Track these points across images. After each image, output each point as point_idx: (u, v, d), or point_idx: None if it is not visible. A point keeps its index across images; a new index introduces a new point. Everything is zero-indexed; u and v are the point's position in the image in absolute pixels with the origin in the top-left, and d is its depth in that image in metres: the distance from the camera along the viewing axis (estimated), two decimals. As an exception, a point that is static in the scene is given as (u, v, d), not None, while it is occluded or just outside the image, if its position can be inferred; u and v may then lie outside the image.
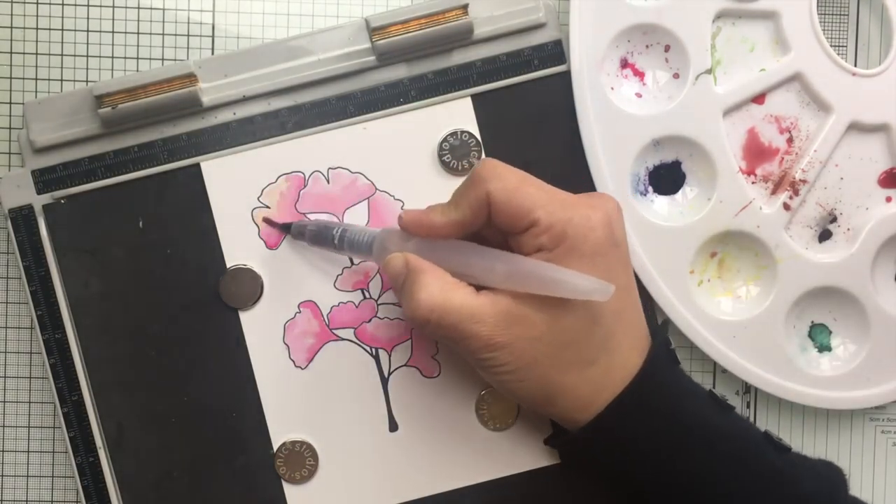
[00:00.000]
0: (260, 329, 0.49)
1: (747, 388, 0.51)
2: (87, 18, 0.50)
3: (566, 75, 0.49)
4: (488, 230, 0.44)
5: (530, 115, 0.49)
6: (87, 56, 0.50)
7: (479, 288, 0.42)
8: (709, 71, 0.49)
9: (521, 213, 0.42)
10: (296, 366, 0.49)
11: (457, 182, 0.49)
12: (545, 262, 0.41)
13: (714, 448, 0.43)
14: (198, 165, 0.49)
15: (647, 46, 0.49)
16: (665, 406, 0.43)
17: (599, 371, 0.43)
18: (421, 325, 0.42)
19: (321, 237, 0.47)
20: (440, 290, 0.42)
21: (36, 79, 0.50)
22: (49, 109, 0.49)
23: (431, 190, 0.49)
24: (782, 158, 0.50)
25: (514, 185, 0.42)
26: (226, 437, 0.49)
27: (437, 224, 0.43)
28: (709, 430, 0.43)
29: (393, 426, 0.50)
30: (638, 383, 0.43)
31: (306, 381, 0.49)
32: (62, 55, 0.50)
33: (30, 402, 0.51)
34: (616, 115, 0.49)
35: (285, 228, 0.48)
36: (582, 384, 0.43)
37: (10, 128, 0.50)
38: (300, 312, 0.49)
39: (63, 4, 0.50)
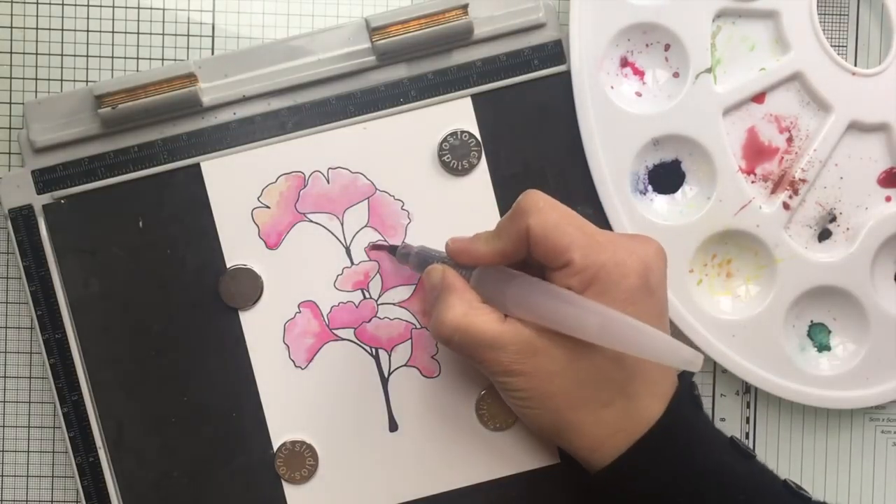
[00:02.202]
0: (260, 329, 0.49)
1: (747, 388, 0.51)
2: (87, 18, 0.50)
3: (566, 75, 0.49)
4: (532, 259, 0.43)
5: (530, 115, 0.49)
6: (87, 56, 0.50)
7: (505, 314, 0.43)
8: (709, 70, 0.49)
9: (557, 251, 0.42)
10: (296, 366, 0.49)
11: (457, 182, 0.49)
12: (626, 316, 0.40)
13: (732, 498, 0.42)
14: (198, 165, 0.49)
15: (646, 45, 0.49)
16: (683, 454, 0.43)
17: (614, 414, 0.43)
18: (443, 343, 0.43)
19: (425, 264, 0.46)
20: (464, 313, 0.42)
21: (36, 79, 0.50)
22: (49, 109, 0.49)
23: (431, 190, 0.49)
24: (782, 158, 0.50)
25: (552, 223, 0.42)
26: (226, 437, 0.49)
27: (482, 253, 0.44)
28: (728, 480, 0.43)
29: (393, 426, 0.50)
30: (656, 431, 0.42)
31: (306, 381, 0.49)
32: (62, 55, 0.50)
33: (30, 402, 0.51)
34: (616, 114, 0.49)
35: (391, 251, 0.48)
36: (595, 424, 0.43)
37: (10, 128, 0.50)
38: (300, 312, 0.49)
39: (63, 4, 0.50)
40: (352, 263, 0.49)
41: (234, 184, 0.49)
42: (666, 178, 0.50)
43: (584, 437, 0.43)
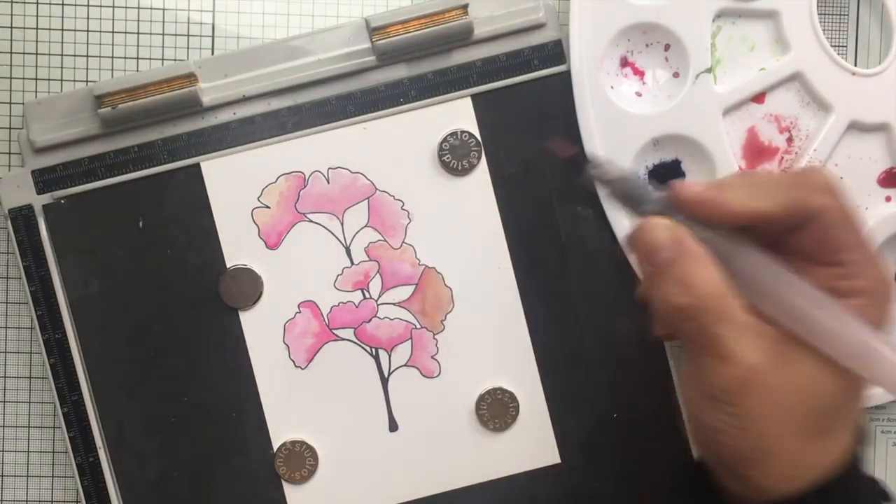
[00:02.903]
0: (260, 329, 0.49)
1: (747, 388, 0.51)
2: (87, 18, 0.50)
3: (566, 75, 0.49)
4: (760, 232, 0.37)
5: (530, 115, 0.49)
6: (87, 56, 0.50)
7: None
8: (709, 70, 0.49)
9: (841, 246, 0.36)
10: (296, 366, 0.49)
11: (457, 182, 0.49)
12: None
13: None
14: (198, 165, 0.49)
15: (646, 45, 0.49)
16: (862, 494, 0.37)
17: (827, 447, 0.36)
18: (684, 318, 0.35)
19: (632, 198, 0.39)
20: (721, 288, 0.35)
21: (36, 79, 0.50)
22: (49, 109, 0.49)
23: (431, 190, 0.49)
24: (782, 158, 0.50)
25: (849, 214, 0.36)
26: (226, 437, 0.49)
27: (734, 210, 0.36)
28: None
29: (393, 426, 0.50)
30: (851, 467, 0.36)
31: (306, 381, 0.49)
32: (62, 55, 0.50)
33: (30, 402, 0.51)
34: (616, 114, 0.49)
35: (578, 157, 0.42)
36: (803, 455, 0.36)
37: (10, 128, 0.50)
38: (300, 312, 0.49)
39: (63, 4, 0.50)
40: (352, 263, 0.49)
41: (234, 184, 0.49)
42: (666, 177, 0.50)
43: (787, 464, 0.36)
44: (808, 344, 0.35)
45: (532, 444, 0.49)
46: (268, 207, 0.49)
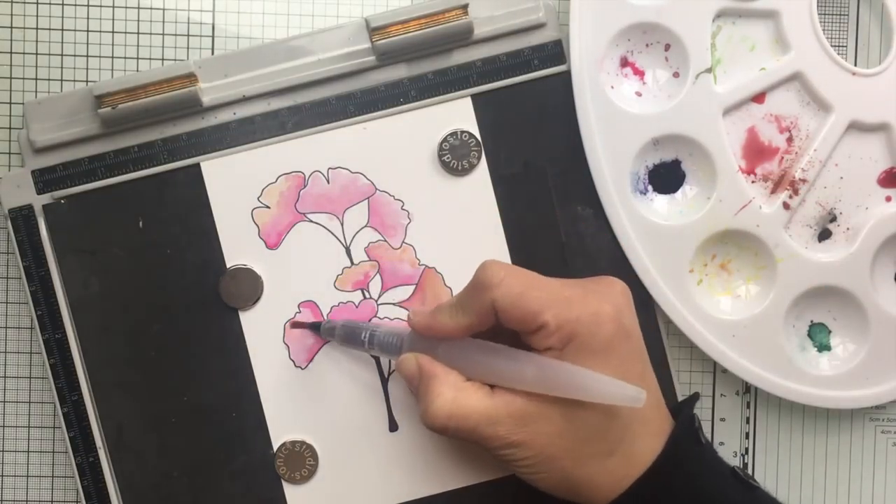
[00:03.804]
0: (260, 329, 0.49)
1: (747, 388, 0.51)
2: (87, 18, 0.50)
3: (566, 75, 0.49)
4: (500, 326, 0.43)
5: (530, 114, 0.49)
6: (87, 56, 0.50)
7: (492, 385, 0.43)
8: (709, 70, 0.49)
9: (529, 317, 0.41)
10: (296, 366, 0.49)
11: (457, 182, 0.49)
12: (569, 364, 0.41)
13: None
14: (198, 165, 0.49)
15: (647, 45, 0.49)
16: (685, 489, 0.43)
17: (619, 461, 0.43)
18: (439, 431, 0.42)
19: (350, 338, 0.47)
20: (453, 397, 0.42)
21: (36, 79, 0.50)
22: (49, 109, 0.49)
23: (431, 190, 0.49)
24: (782, 158, 0.50)
25: (518, 291, 0.42)
26: (226, 437, 0.49)
27: (447, 328, 0.43)
28: None
29: (393, 426, 0.50)
30: (654, 469, 0.43)
31: (306, 381, 0.49)
32: (62, 55, 0.50)
33: (30, 402, 0.51)
34: (616, 114, 0.49)
35: (314, 328, 0.48)
36: (602, 475, 0.43)
37: (10, 128, 0.50)
38: (300, 312, 0.49)
39: (63, 4, 0.50)
40: (352, 263, 0.49)
41: (234, 184, 0.49)
42: (666, 178, 0.50)
43: (595, 487, 0.43)
44: (550, 397, 0.41)
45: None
46: (268, 207, 0.49)
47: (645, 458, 0.43)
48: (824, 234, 0.50)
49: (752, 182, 0.49)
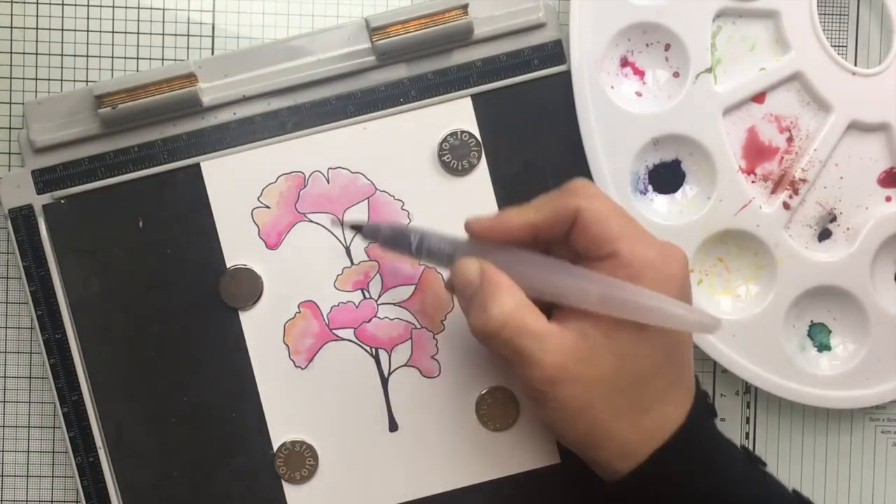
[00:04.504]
0: (260, 329, 0.49)
1: (747, 388, 0.51)
2: (87, 18, 0.50)
3: (566, 75, 0.49)
4: (557, 247, 0.42)
5: (530, 115, 0.49)
6: (87, 56, 0.50)
7: (549, 317, 0.41)
8: (709, 70, 0.49)
9: (607, 239, 0.40)
10: (296, 366, 0.49)
11: (457, 182, 0.49)
12: (639, 286, 0.40)
13: None
14: (198, 165, 0.49)
15: (647, 45, 0.49)
16: (702, 462, 0.42)
17: (651, 420, 0.41)
18: (489, 338, 0.41)
19: (397, 241, 0.45)
20: (515, 307, 0.40)
21: (36, 79, 0.50)
22: (49, 109, 0.49)
23: (431, 190, 0.49)
24: (782, 157, 0.50)
25: (606, 211, 0.41)
26: (226, 437, 0.49)
27: (512, 224, 0.42)
28: (743, 489, 0.42)
29: (393, 426, 0.50)
30: (680, 437, 0.41)
31: (306, 381, 0.49)
32: (62, 55, 0.50)
33: (30, 402, 0.51)
34: (616, 113, 0.49)
35: (356, 229, 0.46)
36: (632, 432, 0.41)
37: (10, 128, 0.50)
38: (300, 312, 0.49)
39: (63, 4, 0.50)
40: (352, 263, 0.49)
41: (234, 184, 0.49)
42: (666, 178, 0.50)
43: (620, 445, 0.41)
44: (605, 339, 0.40)
45: (532, 444, 0.49)
46: (268, 207, 0.49)
47: (670, 422, 0.42)
48: (824, 234, 0.50)
49: (752, 182, 0.49)
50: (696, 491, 0.41)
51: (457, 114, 0.49)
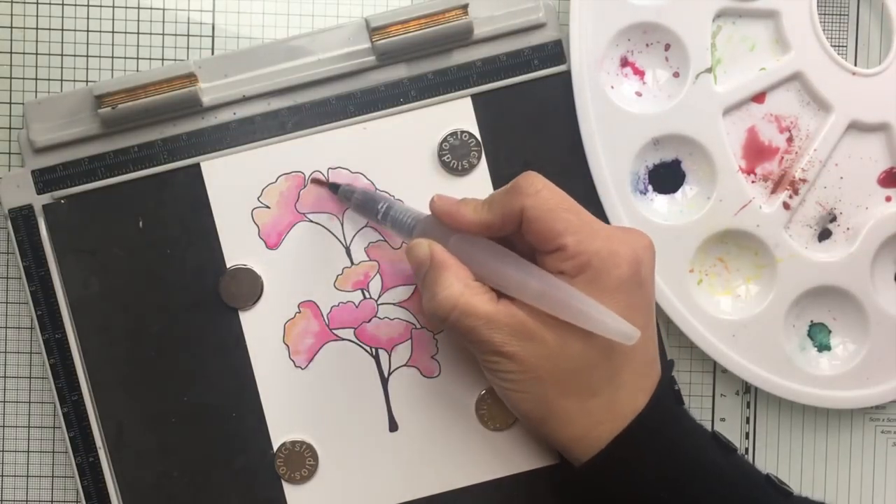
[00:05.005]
0: (260, 329, 0.49)
1: (747, 388, 0.51)
2: (87, 18, 0.50)
3: (566, 75, 0.49)
4: (517, 237, 0.44)
5: (530, 115, 0.49)
6: (87, 56, 0.50)
7: (498, 295, 0.43)
8: (709, 70, 0.49)
9: (552, 235, 0.42)
10: (296, 366, 0.49)
11: (457, 182, 0.49)
12: (574, 288, 0.41)
13: (715, 491, 0.43)
14: (198, 165, 0.49)
15: (647, 45, 0.49)
16: (666, 447, 0.43)
17: (600, 404, 0.43)
18: (438, 321, 0.43)
19: (366, 207, 0.47)
20: (461, 291, 0.42)
21: (36, 79, 0.50)
22: (49, 109, 0.49)
23: (431, 190, 0.49)
24: (782, 157, 0.50)
25: (550, 207, 0.42)
26: (226, 437, 0.49)
27: (467, 220, 0.44)
28: (711, 473, 0.43)
29: (393, 426, 0.50)
30: (641, 423, 0.43)
31: (306, 381, 0.49)
32: (62, 55, 0.50)
33: (30, 402, 0.51)
34: (616, 113, 0.49)
35: (333, 188, 0.48)
36: (580, 413, 0.43)
37: (10, 128, 0.50)
38: (300, 312, 0.49)
39: (63, 4, 0.50)
40: (352, 263, 0.49)
41: (234, 184, 0.49)
42: (666, 177, 0.50)
43: (569, 425, 0.43)
44: (551, 320, 0.42)
45: (532, 444, 0.49)
46: (268, 207, 0.49)
47: (626, 409, 0.43)
48: (824, 234, 0.50)
49: (752, 182, 0.49)
50: (662, 476, 0.42)
51: (457, 114, 0.49)
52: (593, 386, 0.43)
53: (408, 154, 0.49)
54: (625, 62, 0.50)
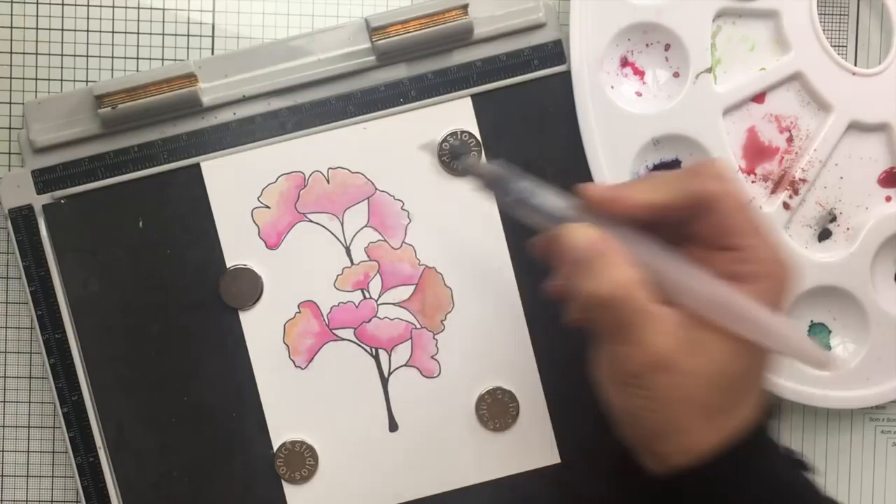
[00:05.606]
0: (260, 329, 0.49)
1: (747, 388, 0.51)
2: (87, 18, 0.50)
3: (566, 75, 0.49)
4: (664, 227, 0.39)
5: (530, 115, 0.49)
6: (87, 56, 0.50)
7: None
8: (709, 70, 0.49)
9: (737, 232, 0.37)
10: (296, 366, 0.49)
11: (457, 182, 0.49)
12: (762, 305, 0.36)
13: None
14: (198, 165, 0.49)
15: (647, 45, 0.49)
16: (768, 463, 0.39)
17: (730, 421, 0.38)
18: (596, 304, 0.37)
19: (499, 186, 0.42)
20: (631, 278, 0.37)
21: (36, 79, 0.50)
22: (49, 109, 0.49)
23: (431, 190, 0.49)
24: (782, 157, 0.50)
25: (743, 201, 0.38)
26: (226, 437, 0.49)
27: (633, 200, 0.38)
28: (800, 491, 0.39)
29: (393, 426, 0.50)
30: (752, 440, 0.38)
31: (306, 381, 0.49)
32: (62, 55, 0.50)
33: (30, 402, 0.51)
34: (616, 113, 0.49)
35: (467, 167, 0.44)
36: (711, 432, 0.37)
37: (10, 128, 0.50)
38: (300, 312, 0.49)
39: (63, 4, 0.50)
40: (352, 263, 0.49)
41: (234, 184, 0.49)
42: (666, 178, 0.50)
43: (690, 441, 0.37)
44: (713, 328, 0.37)
45: (532, 444, 0.49)
46: (268, 207, 0.49)
47: (741, 426, 0.38)
48: (824, 234, 0.50)
49: (753, 182, 0.49)
50: (750, 494, 0.38)
51: (457, 114, 0.49)
52: (728, 405, 0.38)
53: (408, 154, 0.49)
54: (625, 62, 0.50)
